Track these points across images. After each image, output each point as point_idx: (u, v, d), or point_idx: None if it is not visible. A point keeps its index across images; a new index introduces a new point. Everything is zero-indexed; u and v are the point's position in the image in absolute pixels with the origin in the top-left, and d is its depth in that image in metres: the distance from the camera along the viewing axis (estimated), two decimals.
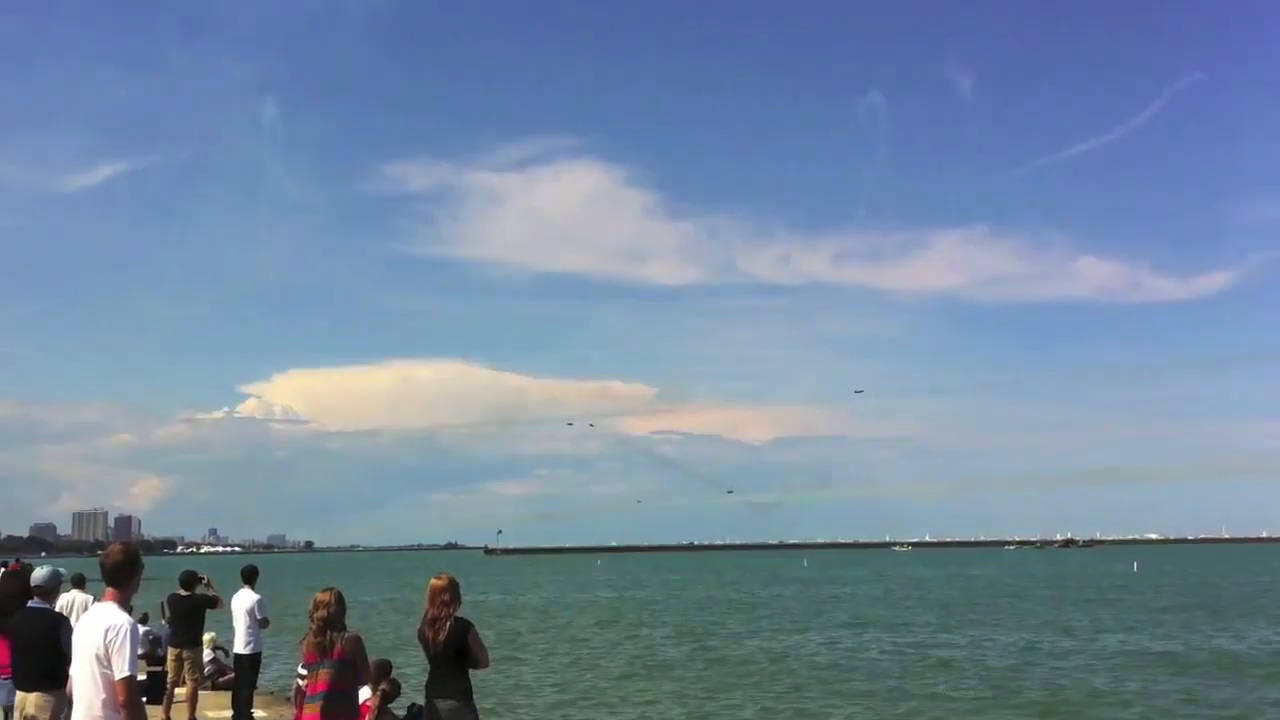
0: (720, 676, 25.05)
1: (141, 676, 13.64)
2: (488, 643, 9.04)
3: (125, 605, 6.31)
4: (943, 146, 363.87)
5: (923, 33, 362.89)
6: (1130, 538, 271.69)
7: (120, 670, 6.00)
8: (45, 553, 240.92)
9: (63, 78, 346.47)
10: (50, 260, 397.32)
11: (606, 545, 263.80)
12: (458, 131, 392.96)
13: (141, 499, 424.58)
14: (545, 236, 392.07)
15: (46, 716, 7.72)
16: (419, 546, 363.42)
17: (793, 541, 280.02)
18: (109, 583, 6.33)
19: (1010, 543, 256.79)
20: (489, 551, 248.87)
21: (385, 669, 11.83)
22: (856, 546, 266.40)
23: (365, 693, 10.39)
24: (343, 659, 8.21)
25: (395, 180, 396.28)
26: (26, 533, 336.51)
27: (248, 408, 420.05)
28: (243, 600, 14.30)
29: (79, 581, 14.76)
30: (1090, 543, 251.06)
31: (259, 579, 14.73)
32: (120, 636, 6.02)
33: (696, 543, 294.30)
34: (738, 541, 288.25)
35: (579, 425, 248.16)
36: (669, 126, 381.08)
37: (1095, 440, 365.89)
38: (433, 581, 8.78)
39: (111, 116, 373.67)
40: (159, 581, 20.37)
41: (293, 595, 36.59)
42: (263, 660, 15.29)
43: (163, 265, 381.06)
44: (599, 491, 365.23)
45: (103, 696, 6.05)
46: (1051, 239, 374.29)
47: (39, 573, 8.82)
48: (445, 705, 8.57)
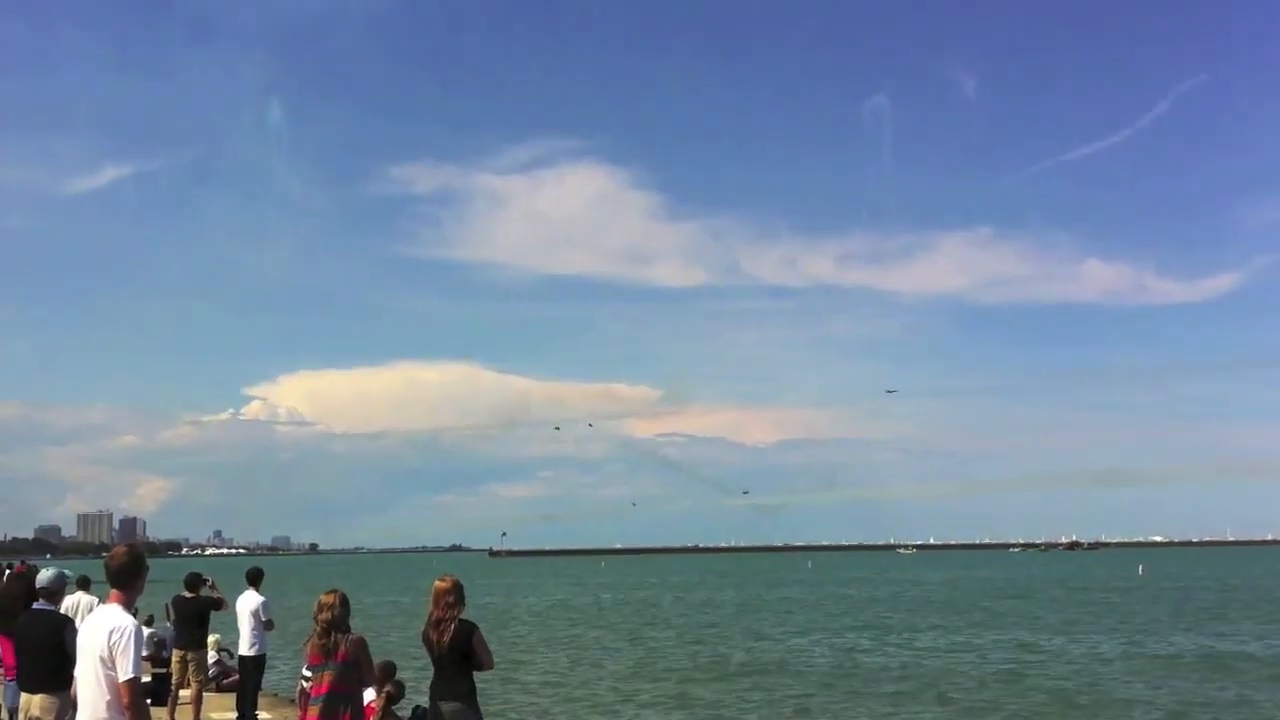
0: (723, 678, 25.05)
1: (146, 678, 13.66)
2: (491, 645, 9.04)
3: (130, 607, 6.31)
4: (947, 149, 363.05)
5: (927, 35, 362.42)
6: (1135, 540, 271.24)
7: (124, 672, 6.00)
8: (50, 555, 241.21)
9: (68, 80, 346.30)
10: (55, 262, 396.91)
11: (611, 547, 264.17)
12: (462, 134, 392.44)
13: (146, 501, 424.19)
14: (549, 239, 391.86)
15: (51, 718, 7.72)
16: (423, 549, 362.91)
17: (797, 544, 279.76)
18: (113, 585, 6.33)
19: (1015, 545, 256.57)
20: (493, 554, 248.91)
21: (389, 671, 11.83)
22: (861, 549, 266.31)
23: (370, 695, 10.39)
24: (347, 661, 8.21)
25: (400, 182, 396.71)
26: (31, 534, 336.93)
27: (252, 410, 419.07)
28: (247, 602, 14.32)
29: (84, 583, 14.74)
30: (1095, 545, 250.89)
31: (264, 581, 14.76)
32: (124, 638, 6.02)
33: (701, 545, 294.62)
34: (742, 544, 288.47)
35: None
36: (673, 128, 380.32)
37: (1100, 442, 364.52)
38: (437, 583, 8.78)
39: (117, 119, 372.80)
40: (164, 583, 20.42)
41: (297, 597, 36.60)
42: (267, 662, 15.29)
43: (168, 267, 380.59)
44: (603, 494, 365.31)
45: (107, 698, 6.05)
46: (1056, 241, 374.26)
47: (44, 575, 8.85)
48: (449, 707, 8.56)
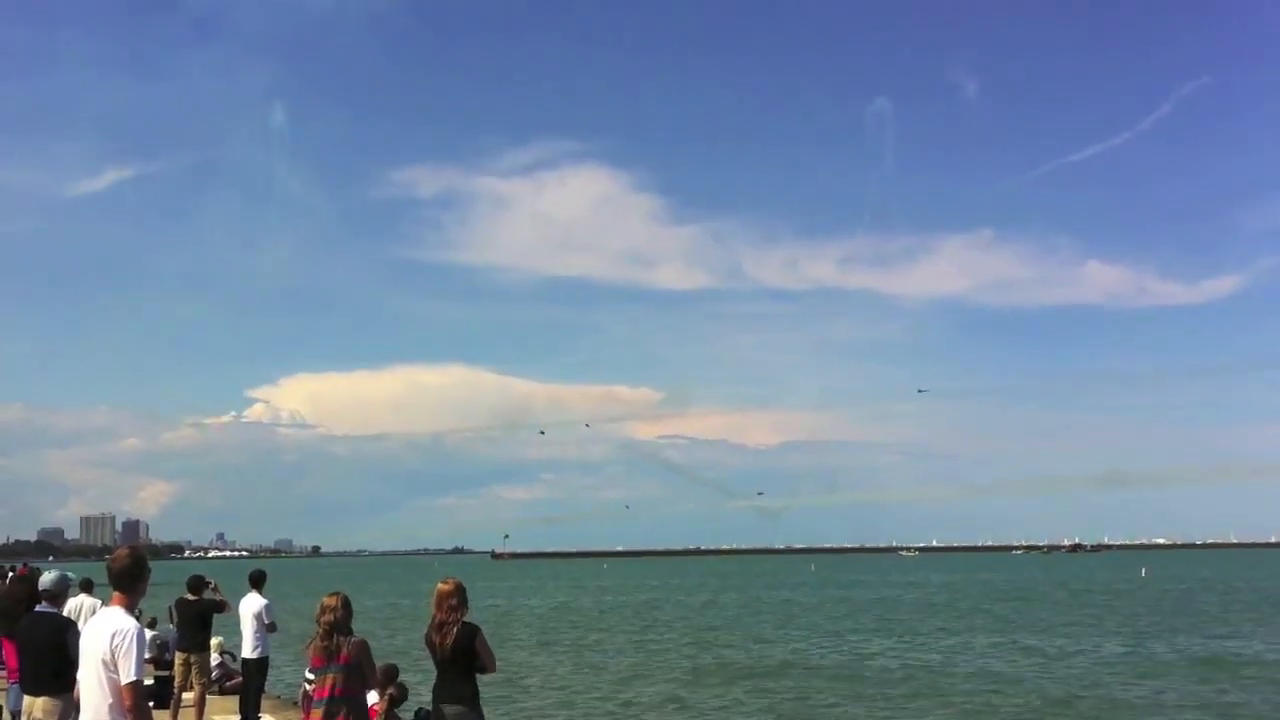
0: (725, 681, 25.03)
1: (149, 681, 13.64)
2: (494, 647, 9.03)
3: (132, 610, 6.30)
4: (949, 151, 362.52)
5: (929, 38, 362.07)
6: (1138, 542, 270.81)
7: (126, 675, 6.00)
8: (53, 557, 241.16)
9: (70, 83, 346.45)
10: (57, 265, 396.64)
11: (613, 550, 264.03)
12: (465, 137, 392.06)
13: (149, 503, 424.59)
14: (552, 241, 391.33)
15: None
16: (425, 551, 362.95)
17: (799, 546, 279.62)
18: (116, 587, 6.32)
19: (1017, 547, 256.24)
20: (495, 556, 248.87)
21: (392, 674, 11.82)
22: (863, 551, 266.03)
23: (372, 697, 10.38)
24: (349, 663, 8.20)
25: (402, 185, 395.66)
26: (34, 537, 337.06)
27: (255, 412, 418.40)
28: (250, 604, 14.32)
29: (87, 586, 14.75)
30: (1098, 547, 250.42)
31: (266, 583, 14.75)
32: (127, 641, 6.01)
33: (703, 547, 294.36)
34: (744, 546, 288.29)
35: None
36: (675, 131, 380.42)
37: (1102, 444, 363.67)
38: (440, 586, 8.78)
39: (119, 122, 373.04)
40: (166, 586, 20.37)
41: (300, 600, 36.66)
42: (270, 665, 15.29)
43: (170, 270, 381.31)
44: (605, 496, 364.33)
45: (109, 701, 6.04)
46: (1058, 244, 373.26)
47: (46, 577, 8.83)
48: (452, 710, 8.55)
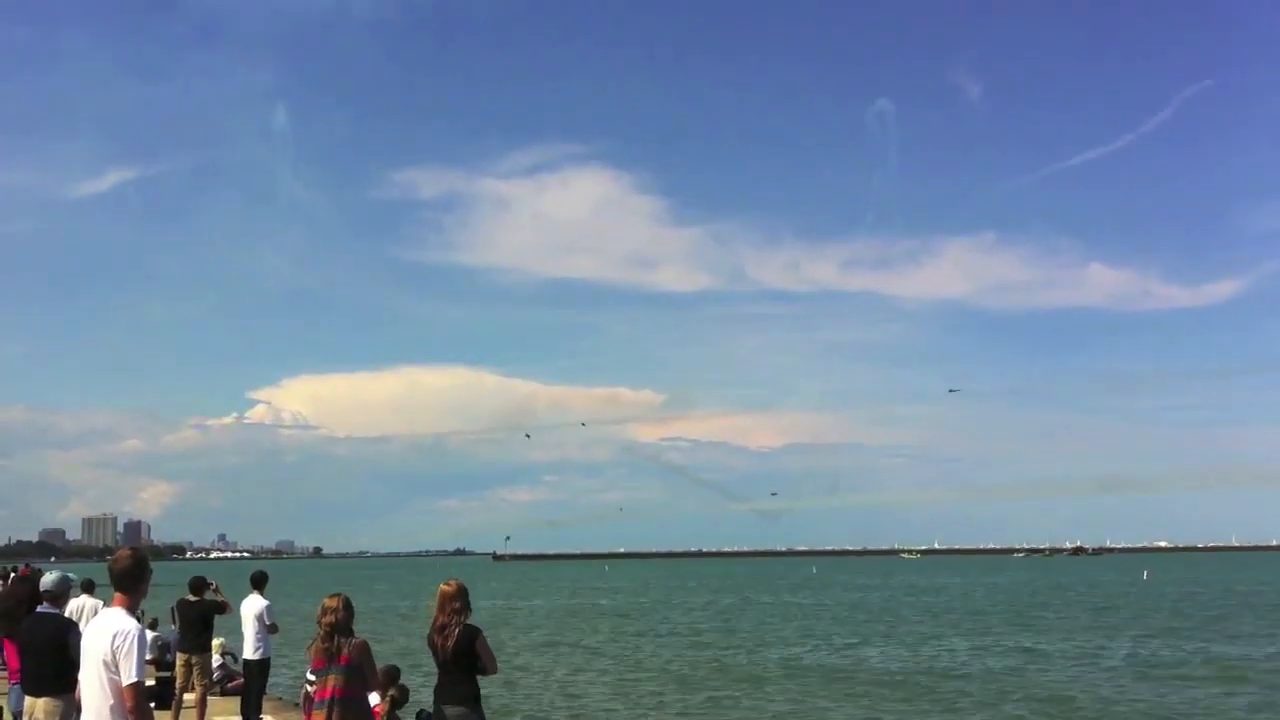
0: (726, 683, 25.00)
1: (150, 682, 13.63)
2: (496, 649, 9.02)
3: (133, 611, 6.29)
4: (951, 153, 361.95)
5: (932, 40, 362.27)
6: (1140, 546, 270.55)
7: (128, 676, 5.99)
8: (54, 558, 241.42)
9: (72, 84, 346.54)
10: (60, 266, 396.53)
11: (615, 551, 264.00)
12: (467, 138, 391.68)
13: (151, 504, 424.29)
14: (554, 243, 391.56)
15: None
16: (427, 553, 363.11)
17: (801, 548, 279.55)
18: (117, 588, 6.31)
19: (1019, 550, 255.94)
20: (497, 557, 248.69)
21: (393, 675, 11.81)
22: (865, 554, 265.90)
23: (374, 699, 10.36)
24: (350, 665, 8.20)
25: (404, 187, 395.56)
26: (36, 538, 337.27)
27: (257, 413, 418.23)
28: (252, 606, 14.32)
29: (88, 587, 14.76)
30: (1100, 550, 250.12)
31: (268, 584, 14.74)
32: (128, 642, 6.00)
33: (705, 549, 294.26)
34: (745, 548, 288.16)
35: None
36: (677, 133, 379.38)
37: (1104, 448, 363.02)
38: (442, 587, 8.78)
39: (122, 123, 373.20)
40: (168, 587, 20.34)
41: (301, 601, 36.65)
42: (272, 666, 15.29)
43: (172, 271, 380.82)
44: (607, 498, 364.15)
45: (111, 702, 6.03)
46: (1060, 246, 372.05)
47: (48, 578, 8.83)
48: (453, 711, 8.55)
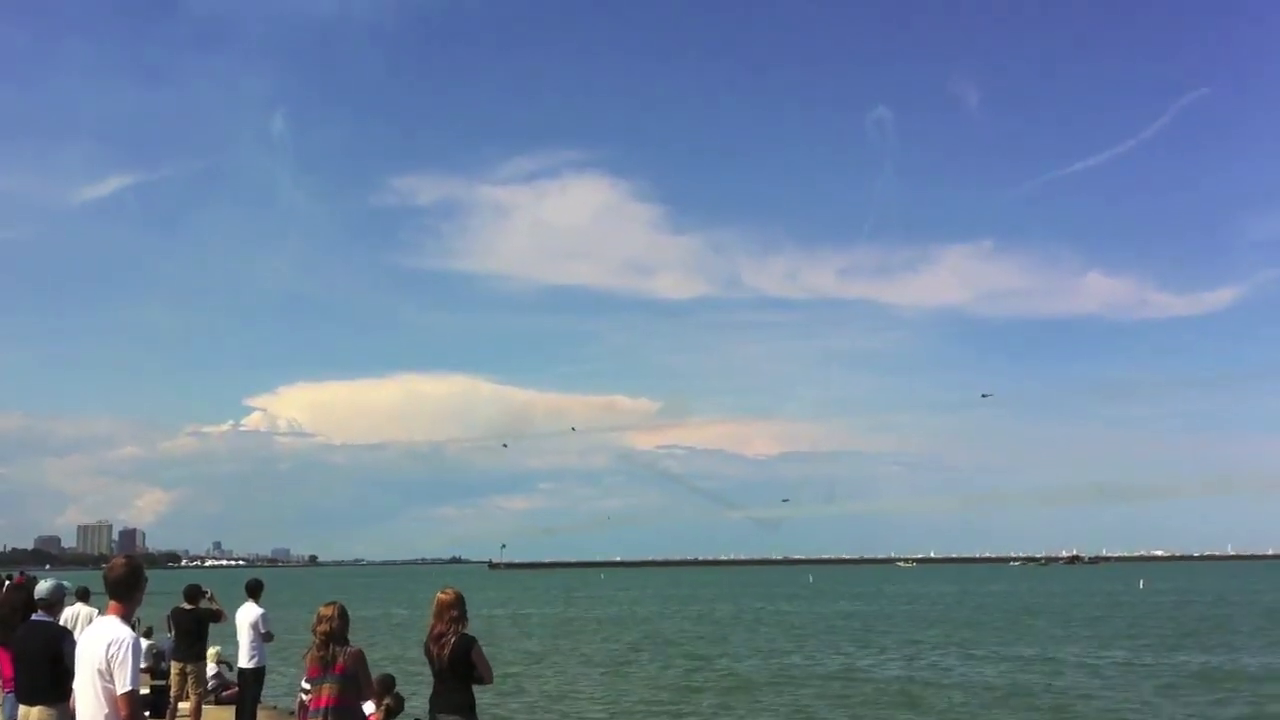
0: (720, 692, 24.96)
1: (144, 691, 13.61)
2: (491, 658, 9.00)
3: (128, 619, 6.29)
4: (950, 161, 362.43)
5: (930, 48, 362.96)
6: (1136, 554, 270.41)
7: (122, 684, 5.98)
8: (49, 565, 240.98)
9: (72, 89, 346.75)
10: (58, 272, 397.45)
11: (611, 560, 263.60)
12: (465, 145, 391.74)
13: (146, 512, 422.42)
14: (552, 250, 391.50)
15: None
16: (423, 561, 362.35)
17: (797, 557, 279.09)
18: (112, 596, 6.31)
19: (1015, 559, 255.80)
20: (493, 566, 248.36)
21: (388, 684, 11.80)
22: (861, 562, 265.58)
23: (369, 707, 10.34)
24: (345, 673, 8.17)
25: (402, 193, 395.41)
26: (31, 545, 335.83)
27: (253, 421, 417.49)
28: (247, 614, 14.28)
29: (83, 595, 14.72)
30: (1096, 559, 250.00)
31: (263, 593, 14.71)
32: (122, 650, 6.00)
33: (701, 558, 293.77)
34: (742, 556, 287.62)
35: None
36: (676, 140, 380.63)
37: (1101, 456, 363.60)
38: (439, 596, 8.75)
39: (121, 129, 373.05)
40: (163, 595, 20.33)
41: (296, 609, 36.50)
42: (266, 674, 15.23)
43: (170, 277, 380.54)
44: (604, 506, 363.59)
45: (105, 711, 6.02)
46: (1058, 254, 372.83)
47: (43, 586, 8.80)
48: None
